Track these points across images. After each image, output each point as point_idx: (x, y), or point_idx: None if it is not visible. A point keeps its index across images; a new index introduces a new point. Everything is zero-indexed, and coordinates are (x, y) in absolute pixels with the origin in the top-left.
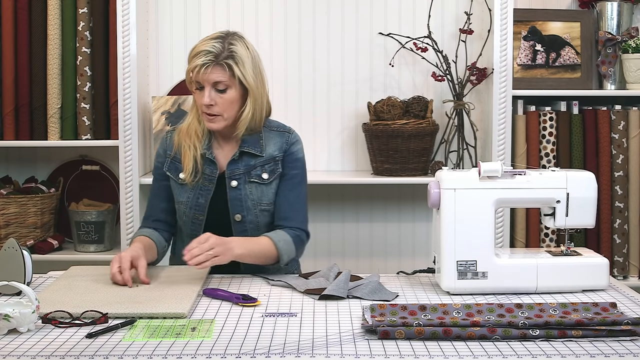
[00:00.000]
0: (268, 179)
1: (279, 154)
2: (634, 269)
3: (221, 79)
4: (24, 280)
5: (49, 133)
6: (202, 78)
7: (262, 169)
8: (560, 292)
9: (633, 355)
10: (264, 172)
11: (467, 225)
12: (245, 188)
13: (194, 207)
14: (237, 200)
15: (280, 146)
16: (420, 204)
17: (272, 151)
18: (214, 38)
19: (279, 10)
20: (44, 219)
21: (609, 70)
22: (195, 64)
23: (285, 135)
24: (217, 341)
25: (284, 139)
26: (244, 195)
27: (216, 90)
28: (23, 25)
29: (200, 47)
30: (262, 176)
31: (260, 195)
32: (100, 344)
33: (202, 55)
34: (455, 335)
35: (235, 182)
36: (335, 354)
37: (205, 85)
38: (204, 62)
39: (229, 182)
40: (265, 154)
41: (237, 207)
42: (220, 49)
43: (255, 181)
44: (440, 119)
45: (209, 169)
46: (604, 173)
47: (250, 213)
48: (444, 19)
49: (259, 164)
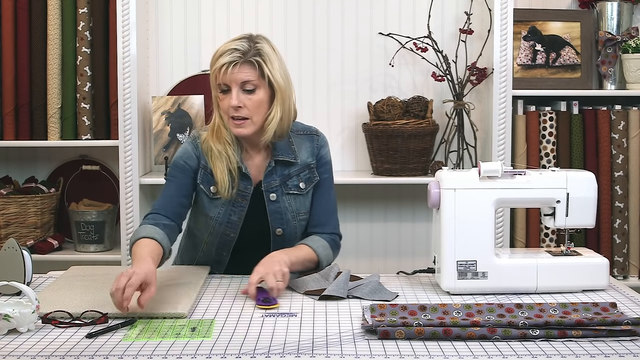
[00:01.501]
0: (305, 188)
1: (312, 160)
2: (634, 269)
3: (250, 78)
4: (24, 280)
5: (49, 133)
6: (230, 78)
7: (298, 178)
8: (560, 292)
9: (633, 355)
10: (300, 182)
11: (467, 225)
12: (284, 200)
13: (225, 223)
14: (277, 213)
15: (312, 151)
16: (420, 204)
17: (306, 157)
18: (239, 38)
19: (279, 10)
20: (44, 219)
21: (609, 70)
22: (222, 63)
23: (314, 138)
24: (217, 341)
25: (314, 142)
26: (283, 207)
27: (244, 91)
28: (23, 25)
29: (225, 46)
30: (299, 186)
31: (298, 206)
32: (100, 344)
33: (229, 53)
34: (455, 335)
35: (274, 195)
36: (335, 354)
37: (233, 85)
38: (232, 60)
39: (268, 196)
40: (300, 160)
41: (278, 220)
42: (247, 47)
43: (293, 192)
44: (440, 119)
45: (243, 184)
46: (604, 173)
47: (289, 225)
48: (444, 19)
49: (294, 173)
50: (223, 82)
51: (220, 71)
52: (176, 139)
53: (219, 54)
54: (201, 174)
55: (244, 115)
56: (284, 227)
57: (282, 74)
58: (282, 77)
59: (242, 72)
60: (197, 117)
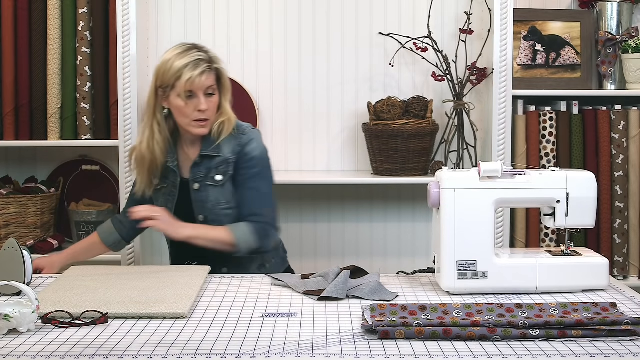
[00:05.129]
0: (221, 180)
1: (231, 156)
2: (634, 269)
3: (212, 83)
4: (24, 280)
5: (49, 133)
6: (198, 85)
7: (216, 171)
8: (560, 292)
9: (633, 355)
10: (217, 174)
11: (467, 225)
12: (206, 190)
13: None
14: (199, 202)
15: (233, 149)
16: (420, 204)
17: (226, 153)
18: (189, 49)
19: (279, 10)
20: (44, 219)
21: (609, 70)
22: (192, 74)
23: (239, 137)
24: (217, 341)
25: (237, 141)
26: (204, 197)
27: (206, 95)
28: (23, 25)
29: (186, 58)
30: (215, 178)
31: (217, 196)
32: (100, 344)
33: (195, 64)
34: (455, 335)
35: (197, 184)
36: (335, 354)
37: (199, 92)
38: (203, 70)
39: (192, 185)
40: (221, 155)
41: (200, 208)
42: (206, 56)
43: (211, 184)
44: (440, 119)
45: (172, 177)
46: (604, 173)
47: (211, 214)
48: (444, 19)
49: (214, 166)
50: (188, 90)
51: (188, 81)
52: None
53: (182, 65)
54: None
55: (207, 117)
56: (206, 214)
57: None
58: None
59: (207, 78)
60: None
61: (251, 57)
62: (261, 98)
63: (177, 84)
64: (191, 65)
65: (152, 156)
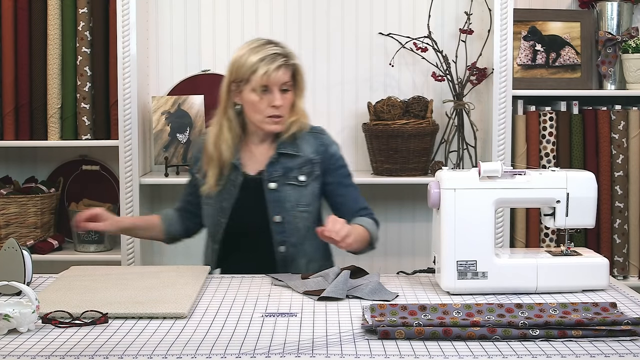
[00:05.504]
0: (305, 181)
1: (315, 156)
2: (634, 269)
3: (287, 79)
4: (24, 280)
5: (49, 133)
6: (274, 80)
7: (299, 171)
8: (560, 292)
9: (633, 355)
10: (301, 174)
11: (467, 225)
12: (284, 190)
13: (218, 209)
14: (276, 202)
15: (316, 149)
16: (420, 204)
17: (308, 153)
18: (266, 43)
19: (279, 10)
20: (44, 219)
21: (609, 70)
22: (268, 68)
23: (318, 137)
24: (217, 341)
25: (319, 141)
26: (283, 197)
27: (281, 91)
28: (23, 25)
29: (262, 52)
30: (299, 178)
31: (298, 197)
32: (100, 344)
33: (272, 58)
34: (455, 335)
35: (273, 184)
36: (335, 354)
37: (274, 87)
38: (280, 64)
39: (267, 185)
40: (303, 155)
41: (277, 208)
42: (283, 51)
43: (293, 183)
44: (440, 119)
45: (234, 174)
46: (604, 173)
47: (289, 214)
48: (444, 19)
49: (295, 166)
50: (263, 84)
51: (266, 74)
52: (176, 139)
53: (259, 58)
54: (198, 167)
55: (281, 114)
56: (283, 214)
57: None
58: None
59: (284, 74)
60: (197, 117)
61: None
62: None
63: (252, 78)
64: (268, 59)
65: (218, 153)
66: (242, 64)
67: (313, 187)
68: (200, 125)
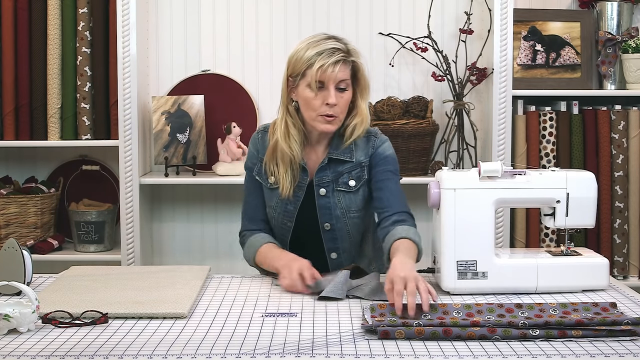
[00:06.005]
0: (355, 186)
1: (365, 159)
2: (634, 269)
3: (346, 77)
4: (24, 280)
5: (49, 133)
6: (330, 76)
7: (349, 176)
8: (560, 292)
9: (633, 355)
10: (350, 179)
11: (467, 225)
12: (334, 196)
13: (283, 212)
14: (326, 208)
15: (367, 151)
16: (420, 204)
17: (360, 157)
18: (326, 38)
19: (278, 10)
20: (44, 219)
21: (609, 70)
22: (324, 62)
23: (372, 140)
24: (217, 341)
25: (371, 143)
26: (333, 203)
27: (337, 89)
28: (23, 25)
29: (320, 46)
30: (349, 184)
31: (348, 203)
32: (100, 344)
33: (330, 53)
34: (455, 335)
35: (324, 190)
36: (335, 354)
37: (330, 84)
38: (337, 60)
39: (318, 190)
40: (355, 160)
41: (327, 215)
42: (343, 46)
43: (342, 189)
44: (440, 119)
45: (301, 176)
46: (604, 173)
47: (339, 221)
48: (444, 19)
49: (346, 171)
50: (320, 80)
51: (319, 70)
52: (176, 139)
53: (316, 53)
54: (258, 167)
55: (335, 113)
56: (333, 222)
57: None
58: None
59: (341, 71)
60: (197, 117)
61: (251, 57)
62: (261, 98)
63: (307, 72)
64: (325, 53)
65: (291, 151)
66: (299, 58)
67: (364, 190)
68: (200, 125)
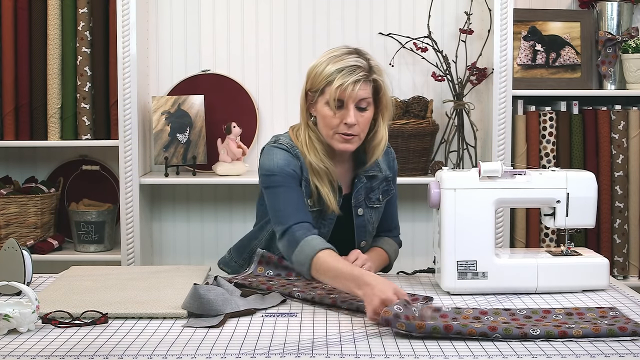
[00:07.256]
0: (382, 200)
1: (389, 172)
2: (634, 269)
3: (367, 95)
4: (24, 280)
5: (49, 133)
6: (350, 95)
7: (378, 191)
8: (560, 292)
9: (633, 355)
10: (379, 194)
11: (467, 225)
12: (367, 213)
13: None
14: (362, 227)
15: (389, 164)
16: (420, 204)
17: (385, 169)
18: (348, 53)
19: (279, 10)
20: (44, 219)
21: (609, 70)
22: (344, 81)
23: (388, 151)
24: (217, 341)
25: (389, 155)
26: (367, 221)
27: (357, 108)
28: (23, 25)
29: (341, 63)
30: (379, 199)
31: (376, 218)
32: (100, 344)
33: (351, 70)
34: (456, 332)
35: (361, 209)
36: (335, 354)
37: (350, 103)
38: (358, 79)
39: (356, 210)
40: (382, 174)
41: (363, 234)
42: (365, 64)
43: (374, 206)
44: (440, 119)
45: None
46: (604, 173)
47: (370, 237)
48: (444, 19)
49: (375, 186)
50: (340, 98)
51: (341, 87)
52: (176, 139)
53: (336, 69)
54: (303, 186)
55: (355, 132)
56: (367, 239)
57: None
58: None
59: (362, 89)
60: (197, 117)
61: (251, 57)
62: (261, 98)
63: (326, 90)
64: (346, 71)
65: (324, 166)
66: (318, 73)
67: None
68: (200, 125)
